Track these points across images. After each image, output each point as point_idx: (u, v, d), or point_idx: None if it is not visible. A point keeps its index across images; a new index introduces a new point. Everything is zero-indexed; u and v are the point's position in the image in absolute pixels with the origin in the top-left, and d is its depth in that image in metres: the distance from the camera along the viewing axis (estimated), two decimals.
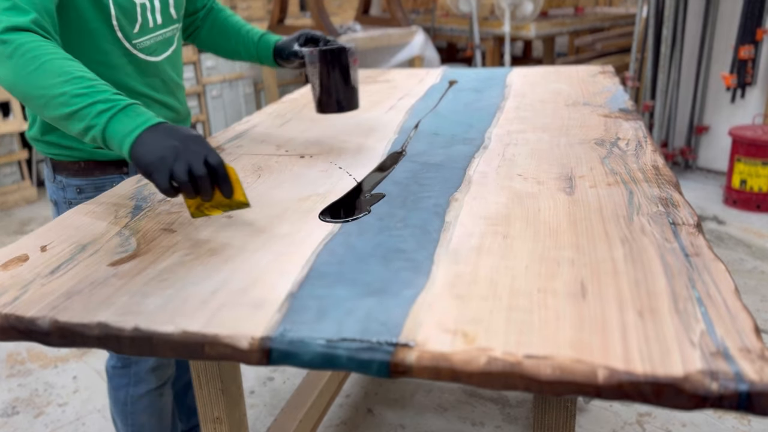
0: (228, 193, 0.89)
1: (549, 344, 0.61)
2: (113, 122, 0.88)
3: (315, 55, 1.29)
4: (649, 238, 0.82)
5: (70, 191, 1.25)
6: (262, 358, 0.66)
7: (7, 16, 0.95)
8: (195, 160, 0.86)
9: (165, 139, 0.87)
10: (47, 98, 0.91)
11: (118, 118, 0.89)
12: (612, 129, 1.33)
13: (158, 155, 0.85)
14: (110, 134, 0.89)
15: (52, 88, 0.91)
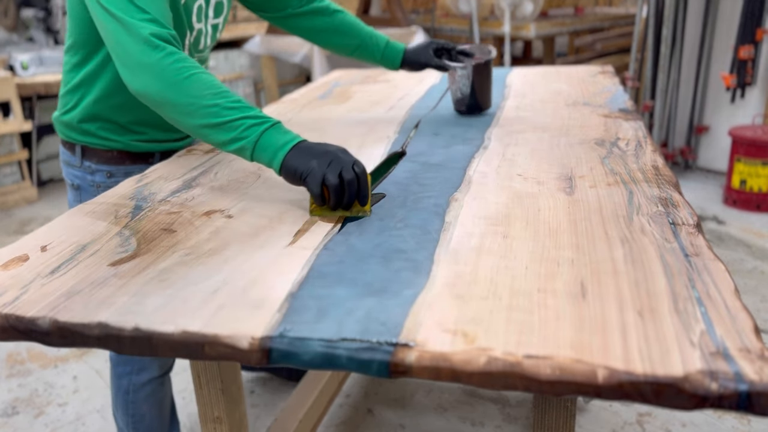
0: (364, 202, 0.96)
1: (549, 344, 0.61)
2: (265, 136, 0.97)
3: (469, 68, 1.47)
4: (649, 238, 0.82)
5: (100, 175, 1.31)
6: (262, 358, 0.66)
7: (151, 24, 1.02)
8: (345, 168, 0.94)
9: (317, 150, 0.96)
10: (197, 107, 0.99)
11: (270, 133, 0.98)
12: (612, 129, 1.33)
13: (313, 164, 0.94)
14: (262, 146, 0.97)
15: (203, 99, 0.98)
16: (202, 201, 1.04)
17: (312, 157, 0.95)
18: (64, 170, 1.36)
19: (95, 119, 1.27)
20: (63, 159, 1.35)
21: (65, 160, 1.35)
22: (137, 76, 1.02)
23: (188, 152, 1.32)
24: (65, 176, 1.37)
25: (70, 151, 1.32)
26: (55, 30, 4.14)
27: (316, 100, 1.78)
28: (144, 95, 1.03)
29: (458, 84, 1.50)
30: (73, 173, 1.33)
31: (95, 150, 1.30)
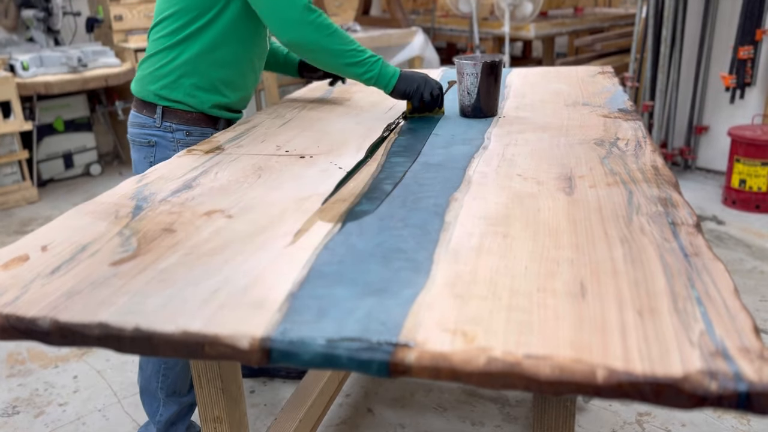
0: (441, 106, 1.57)
1: (548, 344, 0.62)
2: (384, 68, 1.50)
3: (478, 67, 1.48)
4: (648, 238, 0.82)
5: (180, 133, 1.53)
6: (262, 358, 0.66)
7: None
8: (434, 88, 1.52)
9: (415, 77, 1.52)
10: (343, 51, 1.45)
11: (385, 65, 1.50)
12: (611, 129, 1.34)
13: (415, 85, 1.51)
14: (384, 74, 1.49)
15: (347, 45, 1.46)
16: (202, 201, 1.04)
17: (414, 81, 1.51)
18: (137, 132, 1.55)
19: (192, 75, 1.50)
20: (137, 122, 1.54)
21: (140, 123, 1.54)
22: (298, 29, 1.41)
23: (188, 152, 1.32)
24: (136, 137, 1.55)
25: (149, 113, 1.52)
26: (56, 30, 4.14)
27: (316, 100, 1.78)
28: (300, 44, 1.44)
29: (466, 83, 1.49)
30: (149, 133, 1.53)
31: (176, 111, 1.52)
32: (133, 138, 1.57)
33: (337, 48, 1.45)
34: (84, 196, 3.83)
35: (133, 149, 1.58)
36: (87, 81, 3.77)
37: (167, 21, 1.49)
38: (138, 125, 1.56)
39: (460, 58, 1.51)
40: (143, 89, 1.54)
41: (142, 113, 1.55)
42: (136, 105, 1.56)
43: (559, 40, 6.49)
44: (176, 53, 1.49)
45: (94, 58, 3.89)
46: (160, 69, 1.51)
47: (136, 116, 1.56)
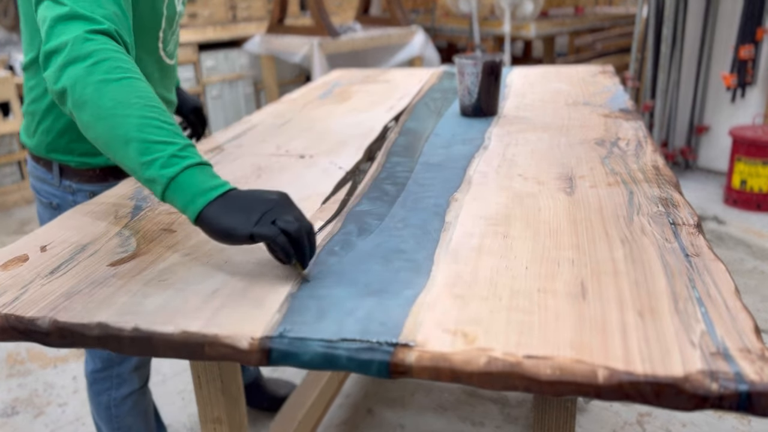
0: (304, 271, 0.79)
1: (549, 344, 0.61)
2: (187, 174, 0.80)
3: (479, 67, 1.45)
4: (649, 239, 0.82)
5: (82, 195, 1.22)
6: (262, 358, 0.66)
7: None
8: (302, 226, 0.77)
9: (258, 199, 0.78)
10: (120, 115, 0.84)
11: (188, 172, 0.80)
12: (612, 129, 1.33)
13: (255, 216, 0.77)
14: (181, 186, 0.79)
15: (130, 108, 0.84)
16: None
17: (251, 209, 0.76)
18: (37, 186, 1.25)
19: (72, 131, 1.16)
20: (35, 174, 1.24)
21: (38, 176, 1.24)
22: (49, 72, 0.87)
23: None
24: (37, 192, 1.25)
25: (46, 168, 1.21)
26: None
27: (316, 100, 1.78)
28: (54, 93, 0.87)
29: (466, 83, 1.49)
30: (49, 191, 1.23)
31: (76, 170, 1.20)
32: (35, 191, 1.27)
33: (105, 113, 0.81)
34: None
35: (38, 204, 1.29)
36: None
37: (31, 70, 1.15)
38: (37, 178, 1.25)
39: (460, 58, 1.50)
40: (28, 141, 1.23)
41: (38, 164, 1.23)
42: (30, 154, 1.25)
43: (560, 39, 6.49)
44: (54, 114, 1.16)
45: None
46: (39, 127, 1.19)
47: (33, 166, 1.25)
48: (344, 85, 1.97)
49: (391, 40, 4.07)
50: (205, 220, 0.76)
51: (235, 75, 4.41)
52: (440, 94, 1.80)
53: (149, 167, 0.78)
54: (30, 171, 1.26)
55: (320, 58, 3.83)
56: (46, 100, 1.14)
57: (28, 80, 1.17)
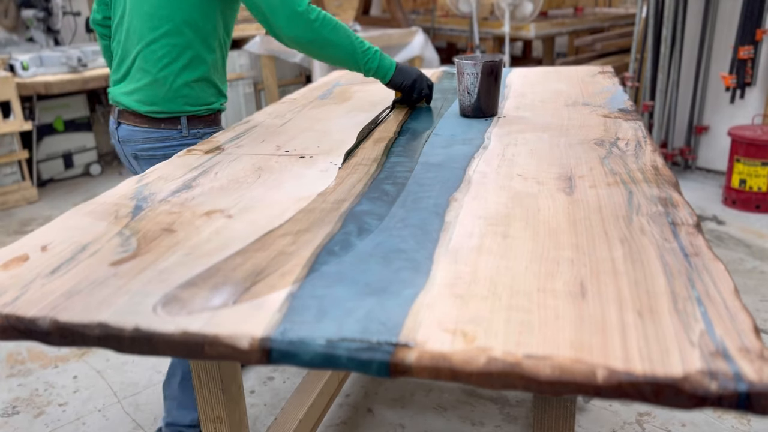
0: (428, 101, 1.69)
1: (548, 344, 0.61)
2: (382, 59, 1.56)
3: (478, 67, 1.47)
4: (648, 238, 0.82)
5: (206, 137, 1.55)
6: (262, 358, 0.66)
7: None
8: (426, 85, 1.64)
9: (410, 71, 1.62)
10: (348, 44, 1.49)
11: (383, 57, 1.57)
12: (612, 129, 1.34)
13: (411, 80, 1.61)
14: (382, 65, 1.56)
15: (350, 38, 1.50)
16: (202, 201, 1.04)
17: (409, 76, 1.60)
18: (156, 151, 1.54)
19: (203, 80, 1.53)
20: (155, 137, 1.53)
21: (160, 137, 1.53)
22: (304, 25, 1.42)
23: (188, 152, 1.32)
24: (151, 155, 1.54)
25: (171, 126, 1.53)
26: (56, 30, 4.14)
27: (316, 100, 1.78)
28: (307, 40, 1.44)
29: (466, 83, 1.49)
30: (172, 147, 1.53)
31: (201, 117, 1.55)
32: (154, 153, 1.55)
33: (342, 41, 1.48)
34: (84, 196, 3.83)
35: (147, 164, 1.55)
36: (87, 81, 3.77)
37: (171, 36, 1.48)
38: (159, 140, 1.54)
39: (460, 58, 1.51)
40: (159, 102, 1.52)
41: (164, 127, 1.53)
42: (145, 121, 1.53)
43: (559, 40, 6.50)
44: (190, 61, 1.50)
45: (94, 58, 3.89)
46: (176, 78, 1.51)
47: (151, 133, 1.53)
48: (344, 86, 1.97)
49: (391, 40, 4.07)
50: (399, 70, 1.60)
51: (236, 75, 4.41)
52: (440, 94, 1.80)
53: (374, 59, 1.55)
54: (143, 138, 1.54)
55: None
56: (181, 61, 1.50)
57: (155, 52, 1.48)
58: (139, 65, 1.51)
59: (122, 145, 1.59)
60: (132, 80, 1.54)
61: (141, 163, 1.58)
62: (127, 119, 1.56)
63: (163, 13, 1.46)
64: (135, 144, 1.56)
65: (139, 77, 1.52)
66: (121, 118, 1.57)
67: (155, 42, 1.48)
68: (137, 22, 1.49)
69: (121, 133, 1.57)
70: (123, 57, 1.55)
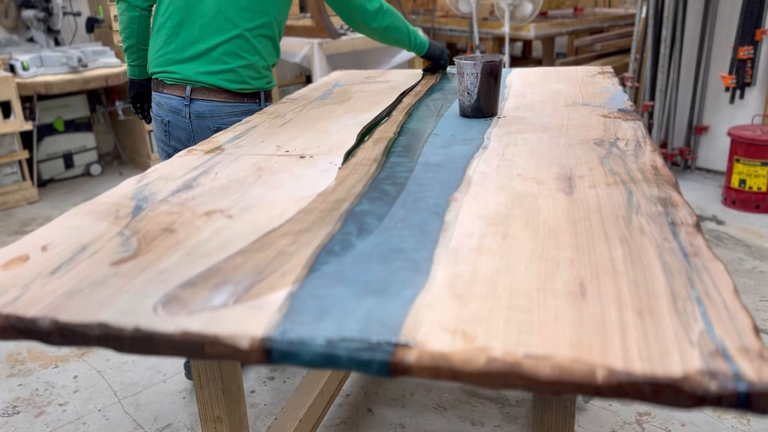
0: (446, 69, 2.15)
1: (548, 344, 0.62)
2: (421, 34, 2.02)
3: (478, 67, 1.48)
4: (648, 238, 0.82)
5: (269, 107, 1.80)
6: (262, 358, 0.66)
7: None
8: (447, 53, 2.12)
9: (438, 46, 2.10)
10: (407, 27, 1.97)
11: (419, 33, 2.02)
12: (611, 129, 1.34)
13: (439, 50, 2.09)
14: (422, 39, 2.02)
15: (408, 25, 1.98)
16: (202, 201, 1.04)
17: (437, 47, 2.08)
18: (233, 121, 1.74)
19: (275, 65, 1.84)
20: (241, 110, 1.75)
21: (244, 111, 1.76)
22: (385, 16, 1.88)
23: (188, 152, 1.32)
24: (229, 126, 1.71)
25: (253, 100, 1.78)
26: (56, 30, 4.14)
27: (316, 100, 1.79)
28: (388, 28, 1.91)
29: (466, 83, 1.49)
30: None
31: (269, 91, 1.83)
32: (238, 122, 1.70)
33: (403, 25, 1.94)
34: (84, 196, 3.84)
35: None
36: (87, 81, 3.78)
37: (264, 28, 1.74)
38: (243, 113, 1.76)
39: (460, 58, 1.51)
40: (248, 79, 1.75)
41: (247, 101, 1.76)
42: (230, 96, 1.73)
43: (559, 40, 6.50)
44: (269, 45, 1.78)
45: (94, 58, 3.90)
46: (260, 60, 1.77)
47: (236, 108, 1.75)
48: (344, 86, 1.97)
49: None
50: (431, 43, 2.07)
51: None
52: (440, 94, 1.80)
53: (416, 39, 2.00)
54: (229, 113, 1.75)
55: (320, 59, 3.83)
56: (267, 49, 1.78)
57: (250, 41, 1.72)
58: (230, 50, 1.71)
59: (198, 120, 1.75)
60: (218, 62, 1.71)
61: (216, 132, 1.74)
62: (207, 96, 1.74)
63: (259, 8, 1.71)
64: (219, 118, 1.75)
65: (229, 60, 1.72)
66: (199, 95, 1.74)
67: (251, 31, 1.71)
68: (231, 12, 1.69)
69: (199, 108, 1.74)
70: (195, 40, 1.71)
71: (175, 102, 1.75)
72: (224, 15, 1.69)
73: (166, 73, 1.74)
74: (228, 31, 1.70)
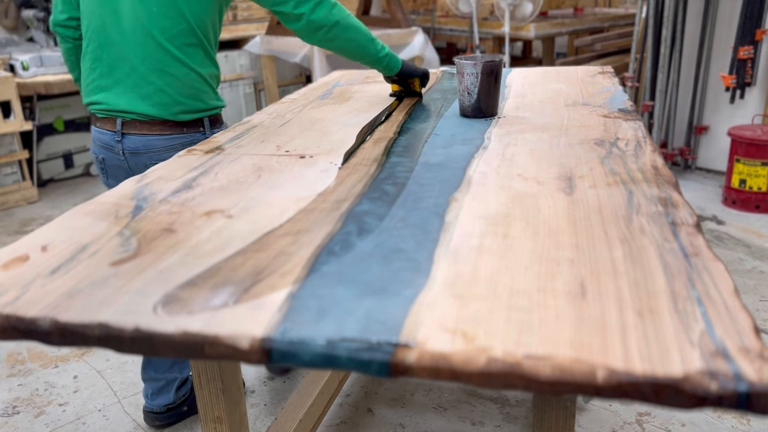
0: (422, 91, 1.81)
1: (548, 344, 0.62)
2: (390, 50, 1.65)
3: (478, 67, 1.47)
4: (648, 238, 0.82)
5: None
6: (262, 358, 0.66)
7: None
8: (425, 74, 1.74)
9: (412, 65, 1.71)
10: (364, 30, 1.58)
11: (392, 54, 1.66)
12: (611, 129, 1.34)
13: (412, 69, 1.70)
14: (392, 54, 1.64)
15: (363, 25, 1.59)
16: (202, 201, 1.04)
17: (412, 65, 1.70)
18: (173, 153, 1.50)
19: (213, 78, 1.58)
20: (183, 143, 1.53)
21: (185, 143, 1.53)
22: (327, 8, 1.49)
23: (188, 152, 1.32)
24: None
25: (194, 129, 1.55)
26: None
27: (316, 100, 1.78)
28: (330, 22, 1.49)
29: (466, 83, 1.49)
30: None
31: (216, 116, 1.60)
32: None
33: (360, 26, 1.55)
34: (84, 196, 3.83)
35: None
36: None
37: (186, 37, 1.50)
38: (182, 145, 1.54)
39: (460, 58, 1.51)
40: (183, 105, 1.52)
41: (187, 131, 1.54)
42: (165, 127, 1.51)
43: (559, 40, 6.50)
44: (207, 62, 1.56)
45: None
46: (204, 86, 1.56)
47: (171, 140, 1.52)
48: (344, 86, 1.97)
49: (391, 40, 4.07)
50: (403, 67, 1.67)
51: (236, 75, 4.41)
52: (440, 94, 1.80)
53: (382, 50, 1.61)
54: (165, 147, 1.52)
55: (320, 59, 3.83)
56: (195, 59, 1.52)
57: (170, 51, 1.48)
58: (153, 66, 1.47)
59: (133, 157, 1.52)
60: (141, 85, 1.48)
61: None
62: (140, 129, 1.50)
63: (175, 14, 1.46)
64: (156, 153, 1.50)
65: (154, 79, 1.48)
66: (131, 129, 1.50)
67: (171, 41, 1.47)
68: (146, 21, 1.45)
69: (132, 144, 1.50)
70: (118, 61, 1.48)
71: (106, 137, 1.55)
72: (142, 27, 1.46)
73: (96, 104, 1.54)
74: (148, 44, 1.46)
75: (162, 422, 1.82)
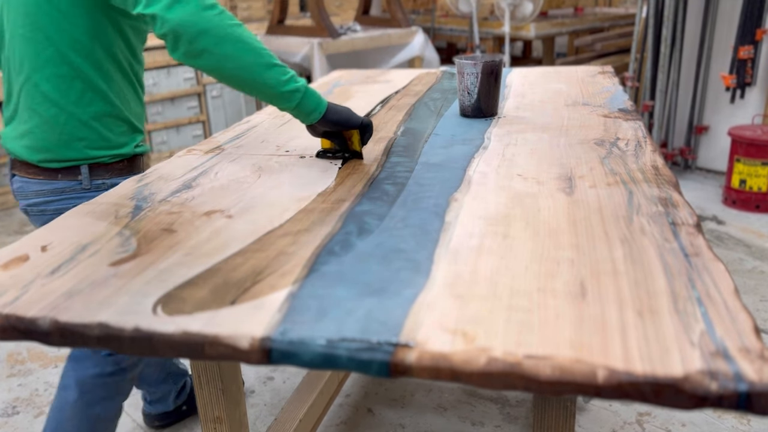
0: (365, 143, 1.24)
1: (549, 344, 0.61)
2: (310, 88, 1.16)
3: (478, 67, 1.46)
4: (648, 238, 0.82)
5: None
6: (262, 358, 0.66)
7: None
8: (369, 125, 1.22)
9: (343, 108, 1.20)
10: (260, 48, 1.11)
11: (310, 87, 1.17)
12: (611, 129, 1.34)
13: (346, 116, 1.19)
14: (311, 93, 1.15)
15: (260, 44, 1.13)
16: (202, 201, 1.04)
17: (349, 114, 1.19)
18: (48, 205, 1.25)
19: (107, 117, 1.23)
20: (51, 190, 1.25)
21: (55, 189, 1.25)
22: (192, 7, 1.03)
23: (188, 152, 1.32)
24: (43, 211, 1.26)
25: (69, 177, 1.24)
26: None
27: None
28: (199, 30, 1.03)
29: (466, 83, 1.49)
30: (72, 200, 1.24)
31: (108, 164, 1.26)
32: (45, 208, 1.26)
33: (253, 42, 1.08)
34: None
35: (38, 220, 1.28)
36: None
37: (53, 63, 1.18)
38: (55, 192, 1.25)
39: (460, 58, 1.51)
40: (53, 150, 1.23)
41: (62, 178, 1.24)
42: (39, 171, 1.25)
43: (559, 40, 6.50)
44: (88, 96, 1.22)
45: None
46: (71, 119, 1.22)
47: (47, 186, 1.25)
48: (344, 86, 1.97)
49: (391, 40, 4.07)
50: (330, 112, 1.16)
51: None
52: (440, 94, 1.80)
53: (289, 82, 1.11)
54: (35, 192, 1.25)
55: (320, 59, 3.83)
56: (71, 95, 1.19)
57: (38, 85, 1.19)
58: (25, 103, 1.21)
59: (20, 201, 1.30)
60: (20, 121, 1.24)
61: (32, 219, 1.30)
62: (19, 170, 1.27)
63: (41, 36, 1.15)
64: (27, 198, 1.27)
65: (26, 118, 1.22)
66: (14, 169, 1.28)
67: (37, 72, 1.18)
68: (19, 48, 1.19)
69: (15, 185, 1.29)
70: (9, 92, 1.25)
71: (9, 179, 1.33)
72: (15, 55, 1.20)
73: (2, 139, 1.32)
74: (19, 74, 1.20)
75: (162, 422, 1.82)
